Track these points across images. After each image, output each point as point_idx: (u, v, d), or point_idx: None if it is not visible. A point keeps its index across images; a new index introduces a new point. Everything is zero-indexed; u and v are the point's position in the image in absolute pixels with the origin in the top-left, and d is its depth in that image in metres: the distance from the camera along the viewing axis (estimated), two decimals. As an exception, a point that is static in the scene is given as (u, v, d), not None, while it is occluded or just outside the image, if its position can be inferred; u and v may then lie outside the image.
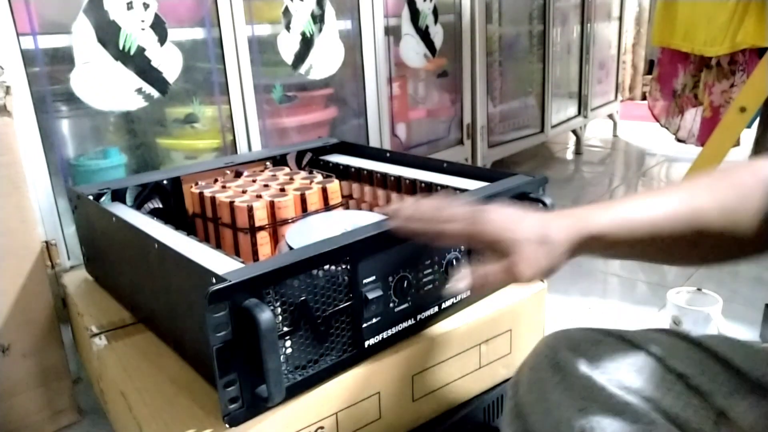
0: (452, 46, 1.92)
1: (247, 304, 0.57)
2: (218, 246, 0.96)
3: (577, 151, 2.84)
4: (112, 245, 0.85)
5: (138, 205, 1.00)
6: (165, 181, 1.01)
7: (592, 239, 0.51)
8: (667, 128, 1.96)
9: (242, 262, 0.67)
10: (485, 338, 0.82)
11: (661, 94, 1.94)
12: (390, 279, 0.71)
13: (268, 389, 0.58)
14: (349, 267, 0.66)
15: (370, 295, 0.68)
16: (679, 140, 1.97)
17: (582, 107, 2.75)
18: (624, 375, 0.53)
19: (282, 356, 0.63)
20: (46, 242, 1.06)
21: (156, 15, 1.15)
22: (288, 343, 0.63)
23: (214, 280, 0.58)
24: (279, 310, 0.61)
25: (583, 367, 0.54)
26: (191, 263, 0.63)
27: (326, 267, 0.64)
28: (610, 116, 3.11)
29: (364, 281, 0.68)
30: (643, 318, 1.28)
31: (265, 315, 0.56)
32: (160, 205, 1.03)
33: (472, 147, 2.09)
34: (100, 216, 0.86)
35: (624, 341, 0.57)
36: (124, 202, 0.97)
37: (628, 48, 3.87)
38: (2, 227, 0.88)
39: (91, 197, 0.92)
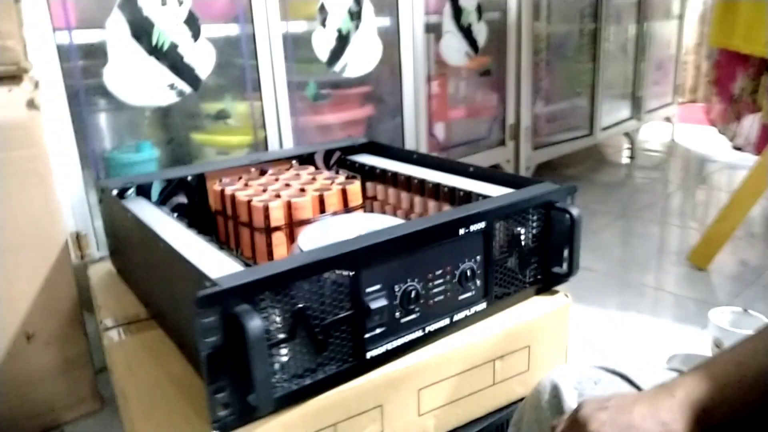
0: (496, 45, 1.87)
1: (237, 310, 0.55)
2: (237, 244, 0.96)
3: (631, 155, 2.72)
4: (129, 240, 0.86)
5: (163, 200, 1.01)
6: (189, 177, 1.01)
7: (703, 412, 0.46)
8: (723, 135, 1.85)
9: (248, 265, 0.66)
10: (500, 354, 0.78)
11: (718, 99, 1.83)
12: (396, 288, 0.69)
13: (256, 399, 0.56)
14: (351, 275, 0.64)
15: (374, 305, 0.66)
16: (735, 148, 1.84)
17: (636, 109, 2.63)
18: None
19: (278, 364, 0.61)
20: (77, 233, 1.08)
21: (190, 11, 1.15)
22: (284, 351, 0.61)
23: (207, 284, 0.57)
24: (275, 316, 0.60)
25: None
26: (188, 265, 0.62)
27: (326, 274, 0.62)
28: (668, 119, 2.96)
29: (368, 290, 0.66)
30: (685, 338, 1.20)
31: (253, 323, 0.54)
32: (185, 201, 1.03)
33: (516, 148, 2.03)
34: (118, 210, 0.87)
35: (626, 380, 0.56)
36: (149, 196, 0.98)
37: (691, 48, 3.68)
38: (28, 218, 0.90)
39: (115, 191, 0.93)
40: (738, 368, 0.48)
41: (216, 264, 0.65)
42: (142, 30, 1.10)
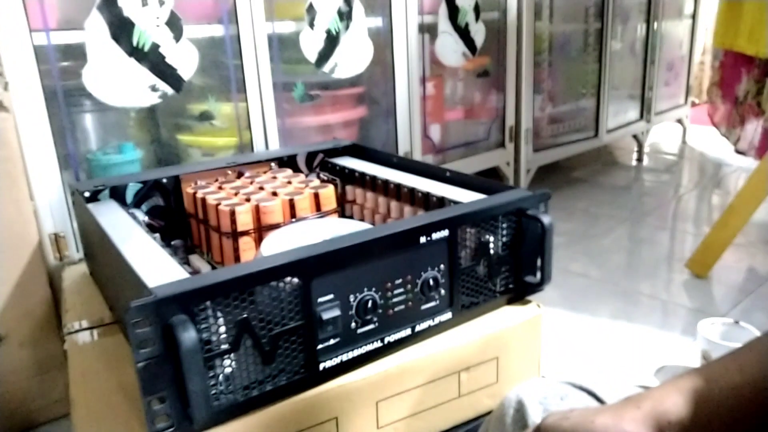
0: (495, 45, 1.84)
1: (172, 321, 0.54)
2: (208, 249, 0.94)
3: (638, 158, 2.66)
4: (94, 243, 0.85)
5: (138, 203, 1.00)
6: (164, 180, 1.00)
7: (668, 426, 0.44)
8: (727, 138, 1.79)
9: (215, 266, 0.64)
10: (466, 365, 0.76)
11: (721, 101, 1.77)
12: (352, 298, 0.67)
13: (193, 411, 0.55)
14: (301, 283, 0.62)
15: (326, 315, 0.64)
16: (738, 152, 1.79)
17: (645, 111, 2.57)
18: None
19: (221, 375, 0.59)
20: (56, 234, 1.08)
21: (172, 12, 1.14)
22: (228, 362, 0.60)
23: (144, 293, 0.55)
24: (217, 326, 0.58)
25: None
26: (131, 272, 0.60)
27: (272, 283, 0.60)
28: (680, 121, 2.90)
29: (319, 300, 0.64)
30: (676, 349, 1.16)
31: (187, 335, 0.53)
32: (162, 203, 1.02)
33: (516, 151, 1.99)
34: (84, 213, 0.86)
35: (593, 397, 0.55)
36: (123, 199, 0.97)
37: (708, 48, 3.59)
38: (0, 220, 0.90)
39: (87, 193, 0.92)
40: (707, 384, 0.45)
41: (164, 272, 0.64)
42: (121, 31, 1.10)
